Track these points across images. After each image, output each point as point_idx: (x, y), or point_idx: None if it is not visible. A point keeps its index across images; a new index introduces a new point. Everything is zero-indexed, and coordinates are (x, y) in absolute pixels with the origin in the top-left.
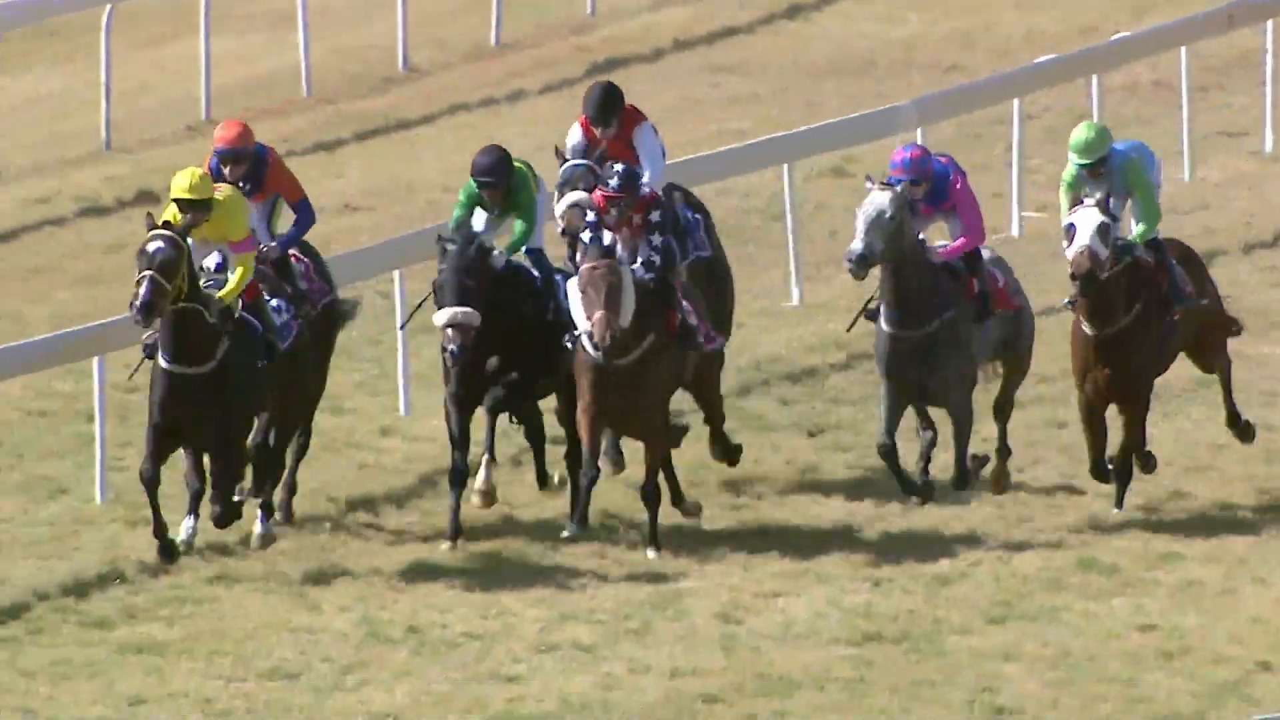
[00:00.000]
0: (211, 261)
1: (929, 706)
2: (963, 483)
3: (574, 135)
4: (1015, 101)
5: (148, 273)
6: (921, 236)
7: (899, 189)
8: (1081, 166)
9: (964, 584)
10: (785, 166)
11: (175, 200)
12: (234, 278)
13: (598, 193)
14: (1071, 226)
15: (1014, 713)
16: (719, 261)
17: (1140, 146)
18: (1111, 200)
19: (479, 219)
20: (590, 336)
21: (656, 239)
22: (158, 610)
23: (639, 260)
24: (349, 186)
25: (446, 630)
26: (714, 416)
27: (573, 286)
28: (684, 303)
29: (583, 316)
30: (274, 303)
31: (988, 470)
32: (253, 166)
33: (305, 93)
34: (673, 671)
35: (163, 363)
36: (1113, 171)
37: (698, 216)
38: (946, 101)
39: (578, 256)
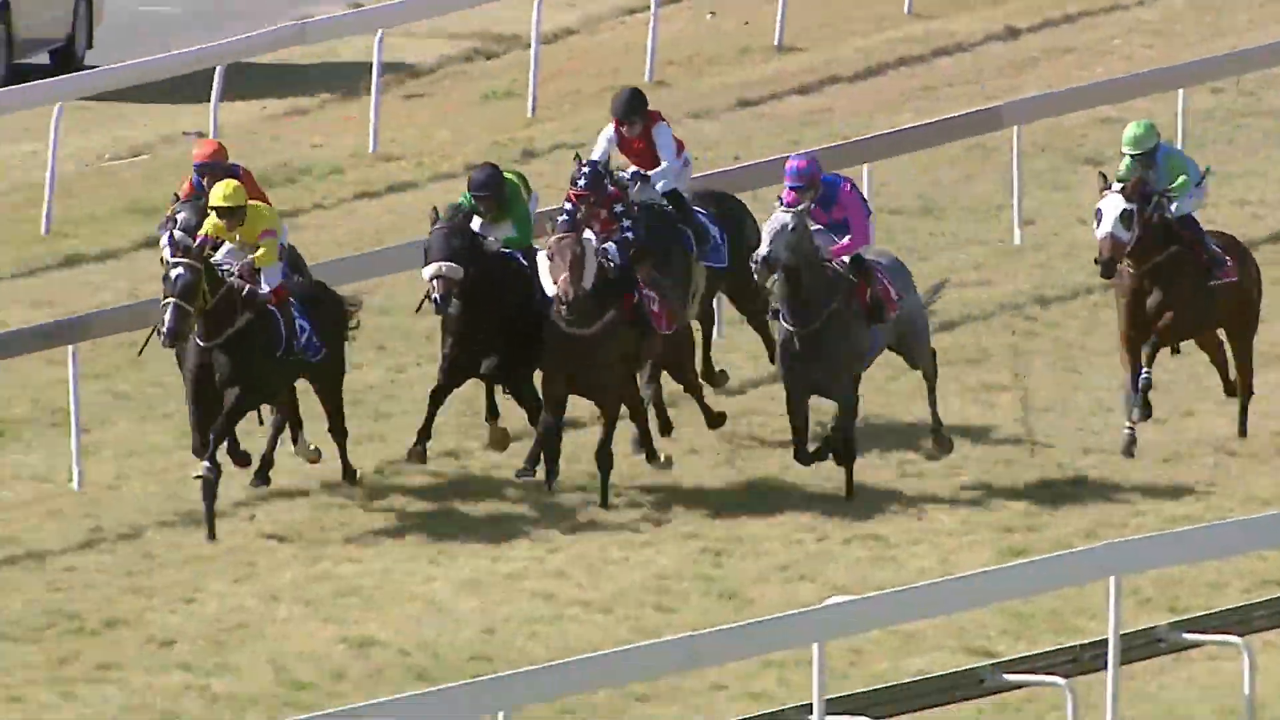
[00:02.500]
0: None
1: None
2: (846, 459)
3: (607, 131)
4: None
5: (171, 300)
6: (818, 244)
7: (800, 207)
8: (1133, 158)
9: None
10: None
11: (213, 208)
12: (261, 251)
13: (570, 190)
14: (1099, 211)
15: None
16: (739, 275)
17: (1185, 157)
18: (1151, 177)
19: (475, 223)
20: (554, 298)
21: (626, 225)
22: None
23: (607, 244)
24: None
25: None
26: (692, 390)
27: (542, 256)
28: (645, 289)
29: (549, 281)
30: (301, 323)
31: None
32: (229, 179)
33: None
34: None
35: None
36: (1158, 163)
37: (721, 230)
38: None
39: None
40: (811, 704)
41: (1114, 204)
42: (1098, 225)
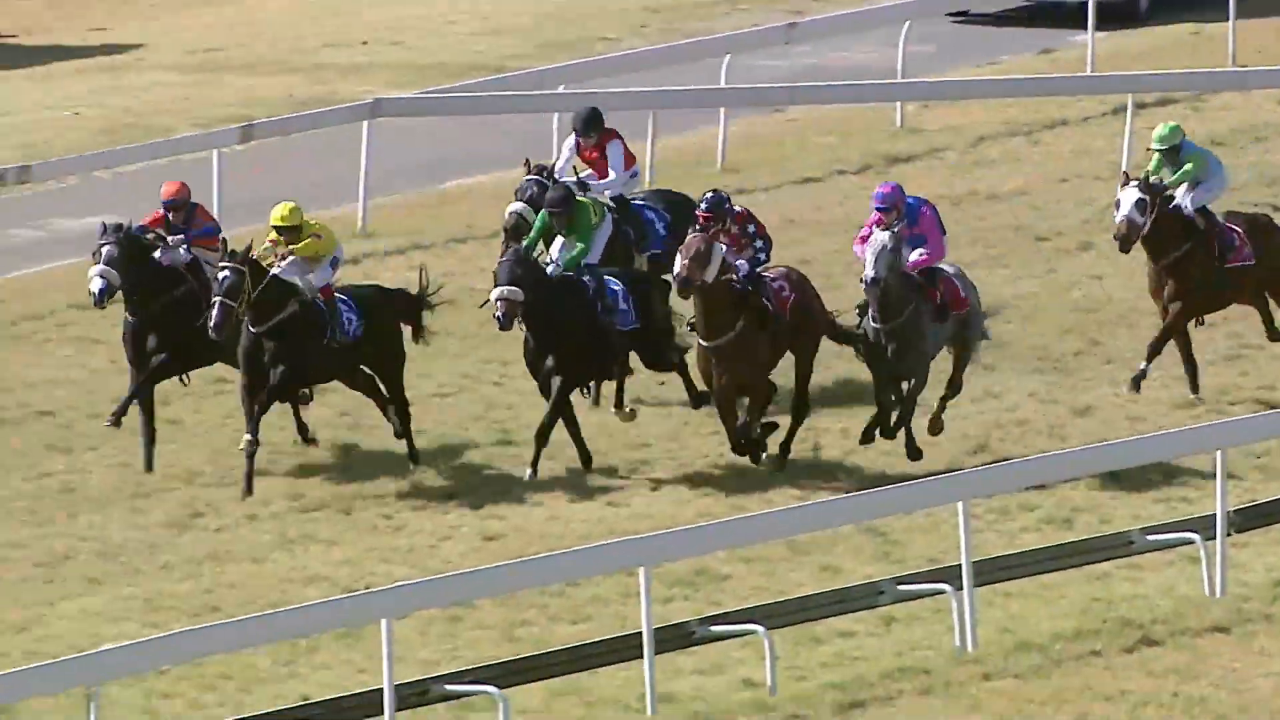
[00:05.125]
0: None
1: None
2: (902, 420)
3: (569, 141)
4: None
5: (218, 299)
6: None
7: (896, 229)
8: (1160, 153)
9: None
10: None
11: (274, 227)
12: (301, 245)
13: (698, 211)
14: (1118, 201)
15: None
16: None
17: (1209, 153)
18: (1164, 176)
19: (556, 244)
20: (674, 279)
21: (759, 244)
22: None
23: (741, 260)
24: None
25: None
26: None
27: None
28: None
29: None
30: (344, 303)
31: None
32: (188, 211)
33: None
34: None
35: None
36: (1181, 159)
37: (666, 217)
38: None
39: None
40: None
41: (1130, 195)
42: (1117, 211)
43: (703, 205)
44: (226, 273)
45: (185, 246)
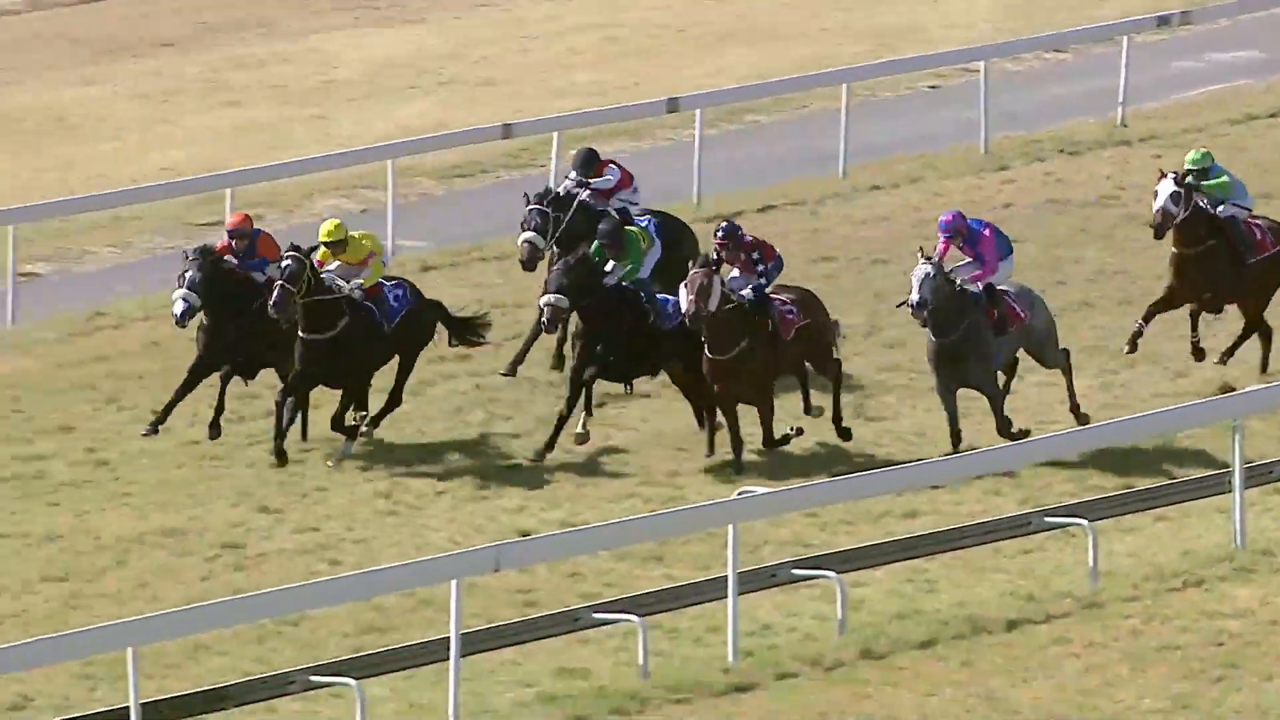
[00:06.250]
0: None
1: None
2: (1003, 432)
3: (566, 184)
4: None
5: (278, 284)
6: (954, 275)
7: (936, 259)
8: (1193, 173)
9: None
10: None
11: (322, 242)
12: (368, 273)
13: (714, 239)
14: (1156, 192)
15: None
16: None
17: (1234, 177)
18: (1191, 180)
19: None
20: (684, 315)
21: (761, 270)
22: None
23: (749, 286)
24: None
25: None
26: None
27: (682, 287)
28: (780, 309)
29: (684, 301)
30: (391, 293)
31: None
32: (250, 241)
33: None
34: None
35: (301, 334)
36: (1211, 178)
37: (659, 235)
38: None
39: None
40: None
41: (1166, 186)
42: (1155, 200)
43: (718, 234)
44: (289, 261)
45: (262, 269)
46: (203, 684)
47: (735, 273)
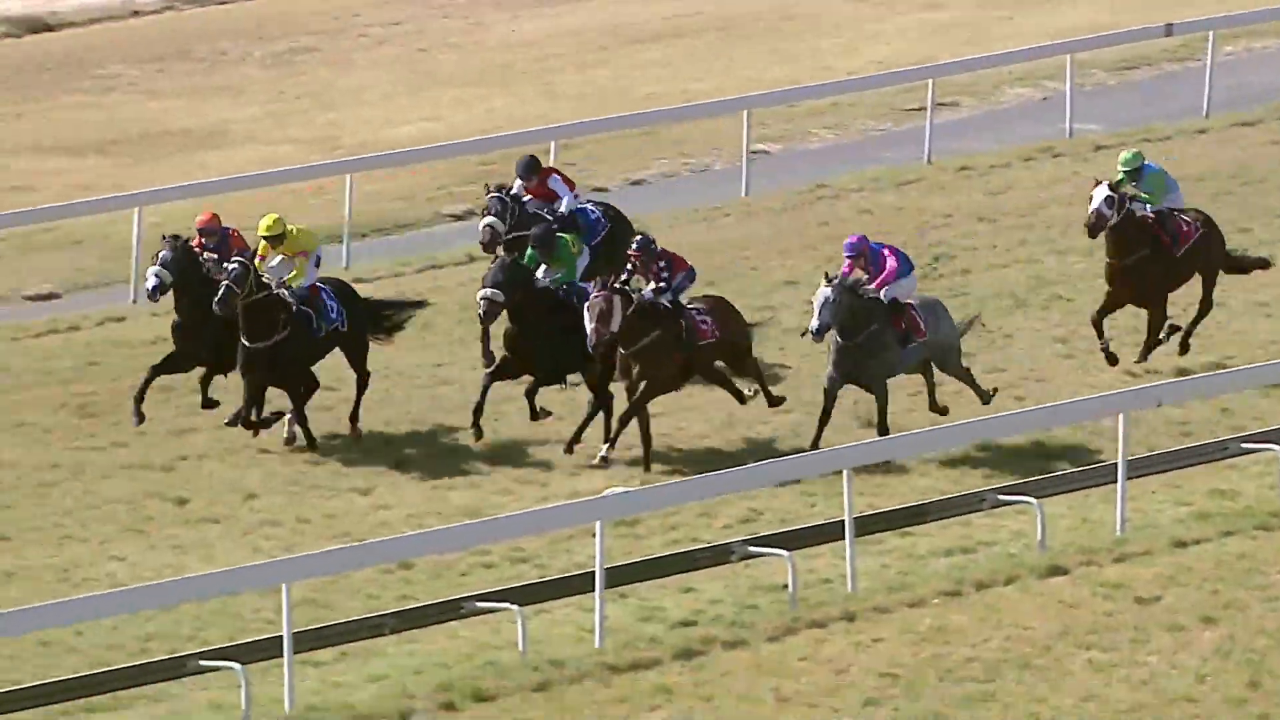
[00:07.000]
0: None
1: None
2: (881, 432)
3: (515, 188)
4: None
5: (224, 283)
6: (860, 289)
7: (837, 281)
8: (1125, 173)
9: None
10: None
11: (261, 236)
12: (295, 271)
13: (629, 251)
14: (1091, 197)
15: None
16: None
17: (1165, 172)
18: (1131, 190)
19: (540, 270)
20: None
21: (665, 278)
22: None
23: (654, 287)
24: None
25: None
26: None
27: (587, 305)
28: (691, 315)
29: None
30: (330, 301)
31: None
32: (221, 237)
33: None
34: None
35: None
36: (1143, 178)
37: (604, 219)
38: None
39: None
40: None
41: (1101, 191)
42: (1090, 205)
43: (634, 246)
44: (234, 265)
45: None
46: (907, 501)
47: (650, 286)
